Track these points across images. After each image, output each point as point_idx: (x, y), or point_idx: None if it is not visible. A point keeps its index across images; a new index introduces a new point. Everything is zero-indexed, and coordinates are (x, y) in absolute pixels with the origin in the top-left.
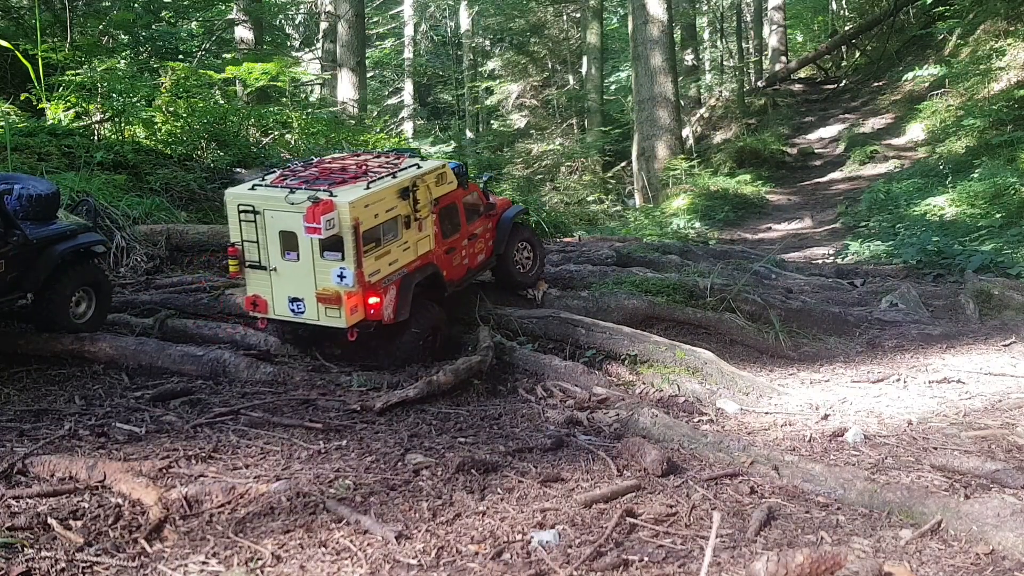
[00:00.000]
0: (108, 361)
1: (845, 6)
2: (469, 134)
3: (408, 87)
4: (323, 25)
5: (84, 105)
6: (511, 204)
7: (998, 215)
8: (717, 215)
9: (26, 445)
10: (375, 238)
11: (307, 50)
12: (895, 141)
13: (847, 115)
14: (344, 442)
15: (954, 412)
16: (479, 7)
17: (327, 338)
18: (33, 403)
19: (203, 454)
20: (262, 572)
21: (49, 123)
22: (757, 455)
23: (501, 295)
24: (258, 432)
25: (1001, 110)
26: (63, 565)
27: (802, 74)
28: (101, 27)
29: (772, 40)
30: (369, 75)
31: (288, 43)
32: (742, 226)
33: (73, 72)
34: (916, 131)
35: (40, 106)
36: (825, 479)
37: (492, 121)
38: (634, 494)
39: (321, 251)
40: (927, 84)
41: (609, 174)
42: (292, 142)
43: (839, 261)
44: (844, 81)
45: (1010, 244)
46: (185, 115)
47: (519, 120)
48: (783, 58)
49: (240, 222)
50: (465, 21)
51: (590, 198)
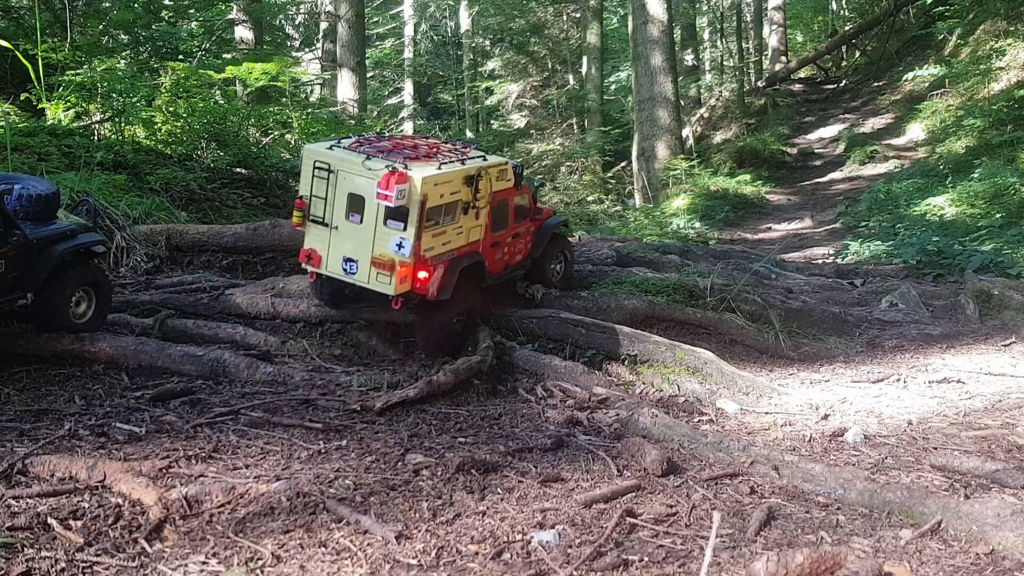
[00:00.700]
0: (108, 361)
1: (845, 6)
2: (469, 134)
3: (408, 87)
4: (323, 25)
5: (84, 105)
6: (553, 214)
7: (998, 215)
8: (717, 215)
9: (26, 445)
10: (436, 217)
11: (307, 50)
12: (895, 141)
13: (847, 115)
14: (344, 442)
15: (954, 412)
16: (479, 7)
17: (366, 301)
18: (33, 403)
19: (203, 454)
20: (262, 572)
21: (49, 123)
22: (757, 455)
23: (501, 295)
24: (258, 432)
25: (1001, 110)
26: (63, 565)
27: (802, 74)
28: (101, 27)
29: (772, 40)
30: (369, 75)
31: (288, 43)
32: (742, 226)
33: (73, 72)
34: (916, 131)
35: (40, 106)
36: (825, 479)
37: (492, 121)
38: (634, 494)
39: (385, 219)
40: (927, 84)
41: (609, 174)
42: (292, 142)
43: (839, 261)
44: (844, 81)
45: (1010, 244)
46: (185, 115)
47: (519, 120)
48: (783, 58)
49: (313, 178)
50: (465, 21)
51: (590, 198)
